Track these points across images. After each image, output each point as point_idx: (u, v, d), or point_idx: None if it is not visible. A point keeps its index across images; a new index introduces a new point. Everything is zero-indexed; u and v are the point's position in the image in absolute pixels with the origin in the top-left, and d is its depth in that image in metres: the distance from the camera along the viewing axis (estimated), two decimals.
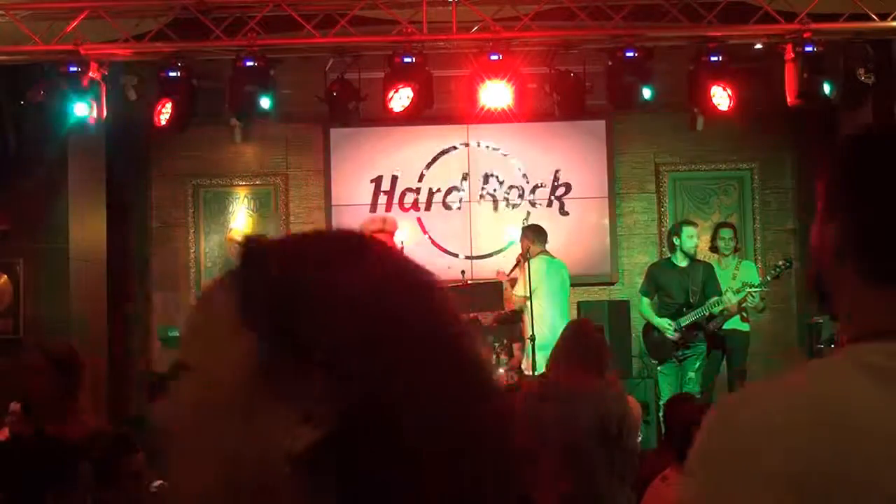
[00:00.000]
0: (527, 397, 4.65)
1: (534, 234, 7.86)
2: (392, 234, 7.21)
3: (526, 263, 7.49)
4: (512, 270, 7.82)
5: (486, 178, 9.54)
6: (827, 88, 6.98)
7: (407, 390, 0.75)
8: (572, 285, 9.09)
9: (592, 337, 4.62)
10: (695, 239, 7.68)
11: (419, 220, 9.51)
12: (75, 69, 6.96)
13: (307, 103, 7.90)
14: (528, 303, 7.34)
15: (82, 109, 7.00)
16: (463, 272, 7.63)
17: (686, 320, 7.54)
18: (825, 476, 0.98)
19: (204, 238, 9.62)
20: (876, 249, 1.11)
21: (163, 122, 7.28)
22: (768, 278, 7.99)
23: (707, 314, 7.55)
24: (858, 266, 1.12)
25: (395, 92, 7.08)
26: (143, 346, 9.37)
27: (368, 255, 0.82)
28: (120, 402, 8.80)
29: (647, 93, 7.12)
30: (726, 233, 8.20)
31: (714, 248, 8.25)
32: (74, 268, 8.11)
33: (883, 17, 6.88)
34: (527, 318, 7.41)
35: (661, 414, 6.68)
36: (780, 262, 8.06)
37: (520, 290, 7.54)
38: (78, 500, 2.82)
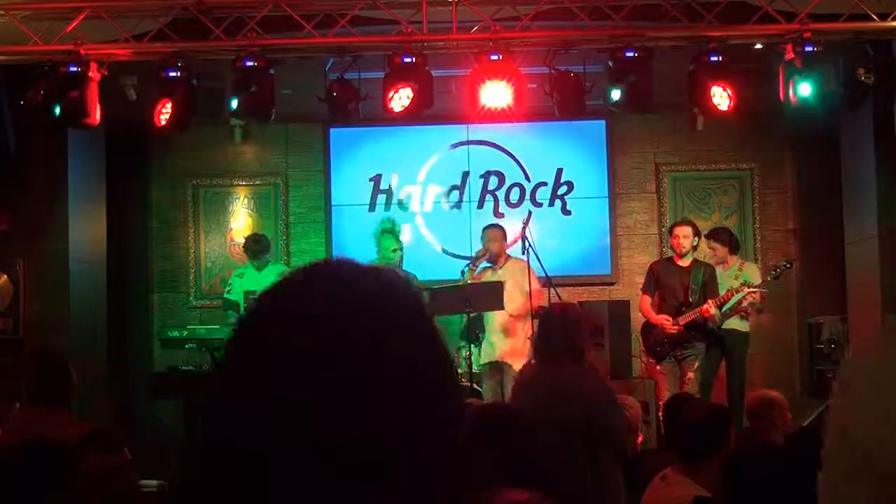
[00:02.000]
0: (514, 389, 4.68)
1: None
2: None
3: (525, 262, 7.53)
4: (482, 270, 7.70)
5: (487, 176, 9.54)
6: (823, 89, 6.97)
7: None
8: (572, 285, 9.11)
9: (562, 324, 4.57)
10: (680, 238, 7.66)
11: (419, 219, 9.51)
12: (75, 69, 6.96)
13: (307, 103, 7.90)
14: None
15: (82, 109, 7.00)
16: (463, 272, 7.61)
17: (685, 320, 7.54)
18: None
19: (204, 238, 9.62)
20: None
21: (163, 122, 7.27)
22: (769, 279, 7.99)
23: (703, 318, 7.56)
24: None
25: (395, 92, 7.08)
26: (143, 346, 9.37)
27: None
28: (120, 402, 8.80)
29: (615, 94, 7.13)
30: (714, 244, 8.19)
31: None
32: (74, 268, 8.10)
33: (883, 17, 6.88)
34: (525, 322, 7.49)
35: (660, 414, 6.68)
36: (781, 264, 8.05)
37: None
38: (76, 502, 2.82)
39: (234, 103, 7.16)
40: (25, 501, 2.72)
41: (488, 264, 7.68)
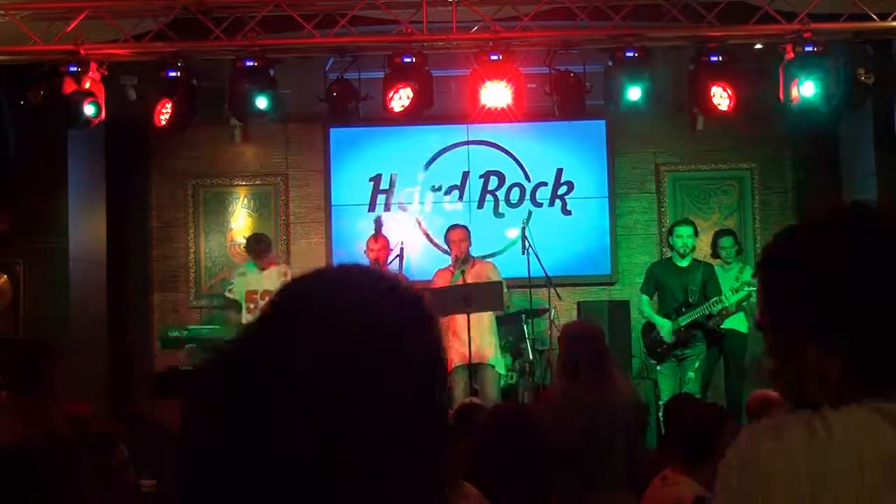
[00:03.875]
0: (547, 405, 4.71)
1: None
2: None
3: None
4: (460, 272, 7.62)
5: (487, 176, 9.54)
6: (826, 89, 6.97)
7: None
8: (572, 285, 9.11)
9: (599, 341, 4.69)
10: (684, 238, 7.64)
11: (418, 219, 9.51)
12: (75, 69, 6.96)
13: (307, 103, 7.90)
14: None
15: (82, 109, 7.00)
16: (462, 271, 7.59)
17: (685, 320, 7.53)
18: None
19: (204, 238, 9.62)
20: None
21: (163, 122, 7.28)
22: None
23: (707, 313, 7.54)
24: None
25: (395, 92, 7.08)
26: (143, 346, 9.36)
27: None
28: (120, 402, 8.80)
29: (635, 92, 7.10)
30: (727, 241, 8.17)
31: (716, 255, 8.24)
32: (74, 268, 8.10)
33: (883, 17, 6.88)
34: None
35: (661, 414, 6.68)
36: None
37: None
38: (77, 500, 2.81)
39: (263, 102, 7.12)
40: (23, 499, 2.71)
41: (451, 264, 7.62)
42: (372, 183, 9.52)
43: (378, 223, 7.92)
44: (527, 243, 7.69)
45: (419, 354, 0.98)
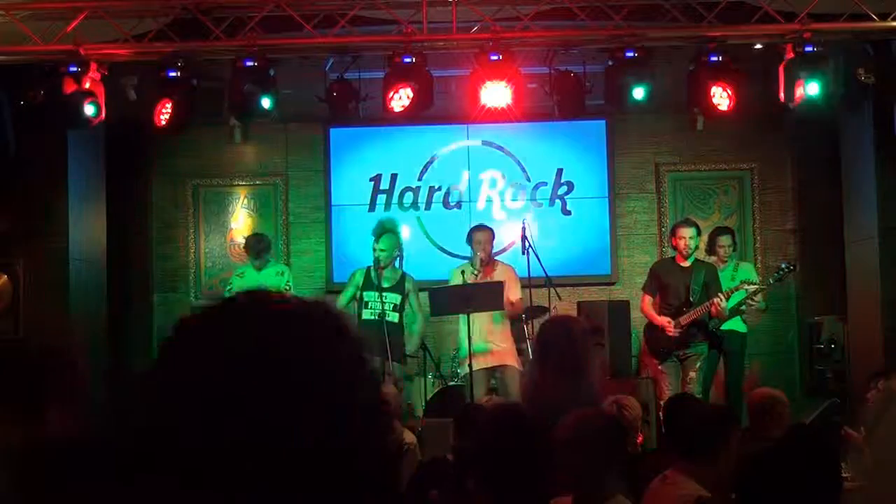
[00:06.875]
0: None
1: None
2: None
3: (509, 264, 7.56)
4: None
5: (487, 176, 9.53)
6: (826, 89, 6.98)
7: None
8: (572, 285, 9.11)
9: (564, 338, 4.49)
10: (685, 240, 7.60)
11: (419, 219, 9.51)
12: (75, 69, 6.96)
13: (307, 103, 7.91)
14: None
15: (82, 109, 7.00)
16: (462, 272, 7.57)
17: (687, 319, 7.52)
18: None
19: (204, 238, 9.62)
20: None
21: (163, 122, 7.28)
22: (770, 281, 7.96)
23: (707, 311, 7.53)
24: None
25: (395, 92, 7.08)
26: (143, 346, 9.36)
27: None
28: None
29: (639, 92, 7.09)
30: (725, 240, 8.16)
31: (712, 252, 8.21)
32: (74, 268, 8.10)
33: (883, 17, 6.89)
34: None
35: (661, 414, 6.67)
36: (783, 266, 8.01)
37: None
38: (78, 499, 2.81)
39: (267, 102, 7.11)
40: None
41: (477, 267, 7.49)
42: (372, 183, 9.53)
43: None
44: (527, 243, 7.68)
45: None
